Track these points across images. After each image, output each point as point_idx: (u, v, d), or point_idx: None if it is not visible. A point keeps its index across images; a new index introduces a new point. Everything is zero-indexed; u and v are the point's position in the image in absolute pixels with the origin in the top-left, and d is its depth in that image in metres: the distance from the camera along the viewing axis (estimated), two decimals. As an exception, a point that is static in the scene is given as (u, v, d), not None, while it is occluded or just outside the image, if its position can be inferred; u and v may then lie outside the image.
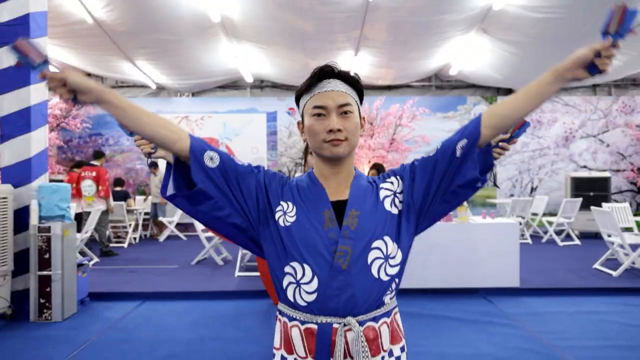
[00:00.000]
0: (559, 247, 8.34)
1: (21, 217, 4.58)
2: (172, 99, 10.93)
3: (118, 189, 9.49)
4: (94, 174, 7.56)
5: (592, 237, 9.44)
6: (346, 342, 1.15)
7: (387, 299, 1.23)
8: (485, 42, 8.42)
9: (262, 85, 11.08)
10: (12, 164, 4.61)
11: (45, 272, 4.42)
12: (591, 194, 9.59)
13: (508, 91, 10.99)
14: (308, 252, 1.17)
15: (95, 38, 7.79)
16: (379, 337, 1.20)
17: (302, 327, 1.18)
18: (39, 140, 4.75)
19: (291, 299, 1.19)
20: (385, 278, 1.20)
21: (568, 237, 9.16)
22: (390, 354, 1.22)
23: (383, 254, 1.20)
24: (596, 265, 6.41)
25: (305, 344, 1.18)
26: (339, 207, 1.22)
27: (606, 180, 9.79)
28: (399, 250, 1.24)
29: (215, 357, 3.52)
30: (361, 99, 1.28)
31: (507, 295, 5.21)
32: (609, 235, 6.25)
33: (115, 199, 8.54)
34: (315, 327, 1.16)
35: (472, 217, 5.83)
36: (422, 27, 7.73)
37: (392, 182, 1.30)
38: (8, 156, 4.62)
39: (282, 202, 1.24)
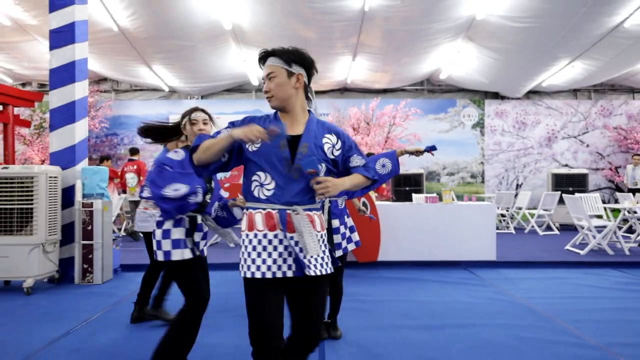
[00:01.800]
0: (539, 236, 9.11)
1: (67, 194, 5.34)
2: (182, 101, 11.72)
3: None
4: (135, 167, 8.61)
5: (571, 230, 10.21)
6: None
7: (314, 200, 1.94)
8: (471, 49, 9.26)
9: (266, 89, 11.86)
10: (60, 149, 5.38)
11: (88, 242, 5.18)
12: (570, 189, 10.41)
13: (495, 95, 11.84)
14: (269, 166, 1.85)
15: (117, 44, 8.60)
16: (314, 222, 1.92)
17: (264, 212, 1.87)
18: (81, 129, 5.52)
19: (256, 195, 1.88)
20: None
21: (548, 228, 9.94)
22: (322, 236, 1.96)
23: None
24: (567, 247, 7.19)
25: (265, 222, 1.86)
26: (295, 138, 1.89)
27: (584, 177, 10.63)
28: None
29: (243, 304, 4.25)
30: (296, 63, 1.91)
31: (485, 267, 5.99)
32: (579, 220, 7.03)
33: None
34: (274, 212, 1.87)
35: (457, 202, 6.61)
36: (413, 35, 8.56)
37: (331, 138, 1.95)
38: (56, 143, 5.39)
39: None
